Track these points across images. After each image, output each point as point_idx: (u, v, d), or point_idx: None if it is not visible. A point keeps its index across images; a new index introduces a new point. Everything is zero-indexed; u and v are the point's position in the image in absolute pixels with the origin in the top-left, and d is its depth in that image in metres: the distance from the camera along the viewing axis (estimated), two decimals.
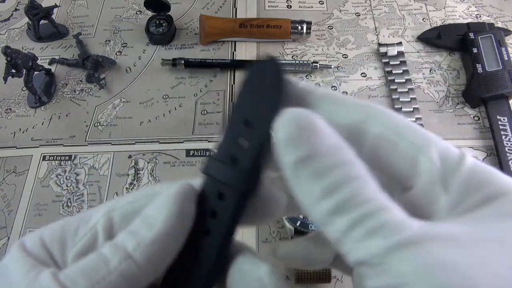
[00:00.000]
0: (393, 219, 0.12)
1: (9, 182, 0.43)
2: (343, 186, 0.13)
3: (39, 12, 0.51)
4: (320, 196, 0.13)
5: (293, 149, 0.13)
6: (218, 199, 0.16)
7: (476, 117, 0.45)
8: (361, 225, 0.12)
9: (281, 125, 0.13)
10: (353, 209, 0.13)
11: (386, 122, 0.14)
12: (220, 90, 0.48)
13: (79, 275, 0.14)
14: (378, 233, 0.12)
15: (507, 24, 0.51)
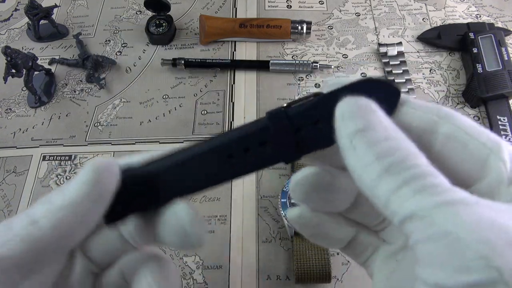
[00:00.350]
0: (442, 182, 0.13)
1: (9, 182, 0.43)
2: (394, 152, 0.14)
3: (39, 12, 0.51)
4: (373, 159, 0.14)
5: (352, 122, 0.15)
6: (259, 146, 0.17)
7: (476, 117, 0.45)
8: (410, 184, 0.13)
9: (343, 103, 0.15)
10: (402, 171, 0.13)
11: (457, 123, 0.15)
12: (220, 90, 0.48)
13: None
14: (426, 191, 0.13)
15: (507, 24, 0.51)
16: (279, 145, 0.17)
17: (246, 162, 0.18)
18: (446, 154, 0.15)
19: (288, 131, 0.17)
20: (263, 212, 0.40)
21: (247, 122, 0.18)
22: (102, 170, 0.16)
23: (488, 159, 0.15)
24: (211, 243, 0.38)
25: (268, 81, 0.48)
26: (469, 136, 0.15)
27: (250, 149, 0.17)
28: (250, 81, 0.48)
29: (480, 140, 0.15)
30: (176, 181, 0.18)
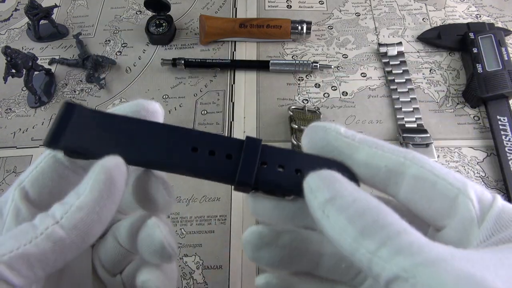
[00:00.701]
0: (417, 239, 0.14)
1: (9, 182, 0.43)
2: (365, 213, 0.14)
3: (39, 12, 0.51)
4: (346, 224, 0.15)
5: (320, 193, 0.16)
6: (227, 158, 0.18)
7: (476, 117, 0.45)
8: (387, 245, 0.14)
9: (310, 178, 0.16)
10: (377, 232, 0.14)
11: (424, 165, 0.16)
12: (220, 90, 0.48)
13: (7, 239, 0.15)
14: (405, 252, 0.13)
15: (507, 24, 0.51)
16: (243, 165, 0.18)
17: (204, 163, 0.18)
18: (415, 195, 0.16)
19: (256, 157, 0.18)
20: None
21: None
22: (113, 169, 0.16)
23: (456, 198, 0.15)
24: (211, 243, 0.38)
25: (268, 81, 0.48)
26: (436, 177, 0.16)
27: (216, 154, 0.18)
28: (250, 81, 0.48)
29: (447, 180, 0.16)
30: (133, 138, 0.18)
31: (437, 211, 0.16)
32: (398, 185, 0.16)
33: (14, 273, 0.15)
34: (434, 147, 0.40)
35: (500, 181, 0.40)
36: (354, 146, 0.17)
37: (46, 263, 0.15)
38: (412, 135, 0.41)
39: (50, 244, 0.15)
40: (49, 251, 0.15)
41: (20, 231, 0.16)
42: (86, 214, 0.16)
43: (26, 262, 0.15)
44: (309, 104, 0.46)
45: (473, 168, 0.41)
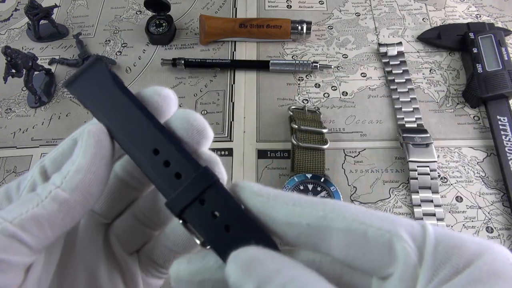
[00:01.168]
0: None
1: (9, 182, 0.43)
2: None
3: (39, 12, 0.51)
4: None
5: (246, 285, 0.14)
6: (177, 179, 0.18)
7: (476, 117, 0.45)
8: None
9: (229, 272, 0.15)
10: None
11: (347, 215, 0.15)
12: (220, 90, 0.48)
13: (15, 206, 0.17)
14: None
15: (507, 24, 0.51)
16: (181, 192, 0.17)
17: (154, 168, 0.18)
18: (349, 250, 0.15)
19: (196, 192, 0.17)
20: None
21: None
22: (99, 133, 0.18)
23: (391, 243, 0.14)
24: None
25: (268, 81, 0.48)
26: (365, 225, 0.14)
27: (169, 167, 0.18)
28: (250, 81, 0.48)
29: (375, 226, 0.14)
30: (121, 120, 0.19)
31: (376, 261, 0.14)
32: (327, 242, 0.15)
33: (26, 233, 0.16)
34: (434, 147, 0.40)
35: (500, 181, 0.40)
36: (270, 205, 0.16)
37: (54, 222, 0.17)
38: (412, 135, 0.41)
39: (56, 205, 0.17)
40: (56, 211, 0.17)
41: (26, 198, 0.17)
42: (84, 175, 0.17)
43: (36, 222, 0.16)
44: (309, 104, 0.46)
45: (473, 168, 0.41)
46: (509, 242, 0.37)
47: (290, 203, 0.16)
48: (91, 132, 0.18)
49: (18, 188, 0.19)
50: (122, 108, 0.19)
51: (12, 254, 0.16)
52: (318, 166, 0.40)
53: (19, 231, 0.16)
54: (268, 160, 0.43)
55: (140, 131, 0.19)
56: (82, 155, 0.18)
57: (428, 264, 0.14)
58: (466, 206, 0.39)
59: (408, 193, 0.40)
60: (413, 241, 0.14)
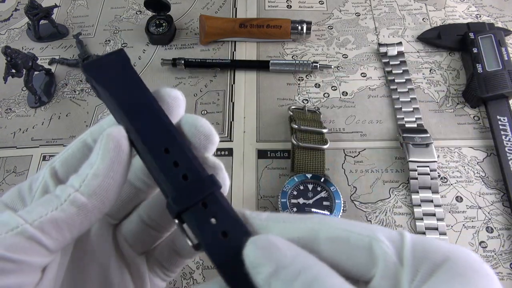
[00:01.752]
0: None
1: (9, 182, 0.43)
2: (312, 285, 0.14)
3: (39, 12, 0.51)
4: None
5: (262, 268, 0.15)
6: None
7: (476, 117, 0.45)
8: None
9: (248, 252, 0.16)
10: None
11: (332, 225, 0.16)
12: (220, 90, 0.48)
13: (35, 207, 0.17)
14: None
15: (507, 24, 0.51)
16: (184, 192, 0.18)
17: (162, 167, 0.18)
18: (336, 256, 0.16)
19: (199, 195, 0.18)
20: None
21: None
22: (119, 137, 0.18)
23: (371, 246, 0.15)
24: None
25: (268, 81, 0.48)
26: (347, 231, 0.16)
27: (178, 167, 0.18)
28: (250, 81, 0.48)
29: (356, 232, 0.16)
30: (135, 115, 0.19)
31: (360, 264, 0.16)
32: (317, 252, 0.16)
33: (46, 236, 0.16)
34: (434, 147, 0.40)
35: (500, 181, 0.40)
36: (262, 226, 0.17)
37: (73, 226, 0.17)
38: (412, 135, 0.41)
39: (75, 209, 0.17)
40: (75, 215, 0.17)
41: (45, 200, 0.17)
42: (102, 180, 0.17)
43: (55, 225, 0.17)
44: (309, 104, 0.46)
45: (473, 168, 0.41)
46: (509, 242, 0.37)
47: (280, 221, 0.17)
48: (110, 136, 0.18)
49: (30, 189, 0.20)
50: (139, 102, 0.19)
51: (31, 255, 0.16)
52: (318, 166, 0.40)
53: (39, 233, 0.16)
54: (268, 160, 0.43)
55: (154, 128, 0.18)
56: (100, 159, 0.18)
57: (408, 262, 0.15)
58: (466, 206, 0.39)
59: (408, 193, 0.40)
60: (391, 243, 0.15)
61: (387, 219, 0.39)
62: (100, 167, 0.18)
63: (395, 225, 0.39)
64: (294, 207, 0.37)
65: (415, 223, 0.38)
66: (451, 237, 0.38)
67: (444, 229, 0.38)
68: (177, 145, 0.18)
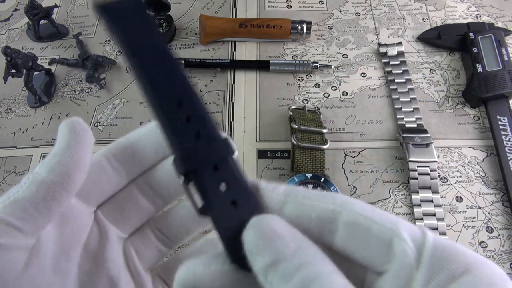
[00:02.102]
0: None
1: (9, 182, 0.43)
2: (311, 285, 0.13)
3: (39, 12, 0.51)
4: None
5: (260, 257, 0.14)
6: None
7: (476, 117, 0.45)
8: None
9: (248, 237, 0.15)
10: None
11: (356, 209, 0.15)
12: (220, 90, 0.48)
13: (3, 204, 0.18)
14: None
15: (507, 24, 0.51)
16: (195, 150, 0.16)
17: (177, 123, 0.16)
18: (351, 242, 0.15)
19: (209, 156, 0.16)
20: None
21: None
22: (72, 122, 0.20)
23: (391, 241, 0.15)
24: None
25: (268, 81, 0.48)
26: (370, 221, 0.15)
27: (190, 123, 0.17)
28: (250, 81, 0.48)
29: (380, 223, 0.15)
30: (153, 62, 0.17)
31: (375, 256, 0.15)
32: (332, 234, 0.15)
33: (11, 216, 0.17)
34: (434, 147, 0.40)
35: (500, 181, 0.40)
36: (280, 200, 0.16)
37: (36, 203, 0.18)
38: (412, 135, 0.41)
39: (34, 187, 0.18)
40: (35, 192, 0.18)
41: (11, 189, 0.18)
42: (59, 158, 0.19)
43: (18, 205, 0.17)
44: (309, 104, 0.46)
45: (473, 168, 0.41)
46: (509, 242, 0.37)
47: (299, 196, 0.16)
48: (65, 123, 0.20)
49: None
50: (153, 48, 0.17)
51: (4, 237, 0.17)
52: (318, 166, 0.40)
53: (5, 216, 0.17)
54: (268, 160, 0.43)
55: (167, 78, 0.17)
56: (57, 142, 0.19)
57: (425, 267, 0.14)
58: (466, 206, 0.39)
59: (408, 193, 0.40)
60: (413, 243, 0.14)
61: None
62: (56, 148, 0.19)
63: None
64: None
65: (415, 223, 0.38)
66: (451, 237, 0.38)
67: (444, 229, 0.38)
68: (192, 98, 0.17)
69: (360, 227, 0.15)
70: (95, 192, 0.21)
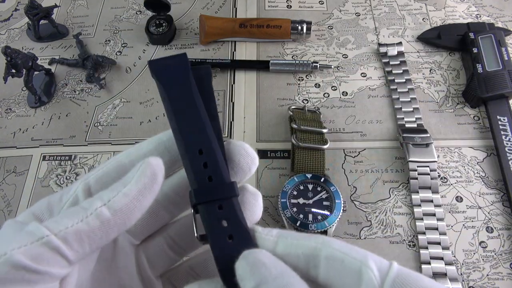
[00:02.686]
0: None
1: (9, 182, 0.43)
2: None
3: (39, 12, 0.51)
4: None
5: (247, 281, 0.17)
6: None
7: (476, 117, 0.45)
8: None
9: (239, 266, 0.18)
10: None
11: (333, 246, 0.18)
12: (220, 90, 0.48)
13: (62, 217, 0.18)
14: None
15: (507, 24, 0.51)
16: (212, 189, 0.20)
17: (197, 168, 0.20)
18: (330, 274, 0.18)
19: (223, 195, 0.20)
20: (263, 212, 0.40)
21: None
22: (156, 167, 0.19)
23: (360, 270, 0.17)
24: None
25: (268, 81, 0.48)
26: (343, 254, 0.18)
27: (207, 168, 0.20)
28: (250, 81, 0.48)
29: (351, 255, 0.18)
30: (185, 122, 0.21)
31: (348, 284, 0.17)
32: (316, 268, 0.18)
33: (68, 247, 0.17)
34: (434, 147, 0.40)
35: (500, 181, 0.40)
36: (273, 241, 0.19)
37: (93, 239, 0.18)
38: (412, 135, 0.41)
39: (98, 223, 0.18)
40: (97, 229, 0.18)
41: (72, 211, 0.18)
42: (130, 200, 0.18)
43: (78, 237, 0.17)
44: (309, 104, 0.46)
45: (473, 168, 0.41)
46: (509, 242, 0.37)
47: (288, 237, 0.19)
48: (150, 164, 0.19)
49: (60, 201, 0.20)
50: (188, 105, 0.21)
51: (53, 266, 0.17)
52: (318, 166, 0.40)
53: (62, 245, 0.17)
54: (268, 160, 0.43)
55: (195, 131, 0.21)
56: (135, 181, 0.19)
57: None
58: (466, 206, 0.39)
59: (408, 193, 0.40)
60: (378, 271, 0.17)
61: (387, 219, 0.39)
62: (132, 188, 0.19)
63: (395, 225, 0.39)
64: (294, 207, 0.37)
65: (415, 223, 0.38)
66: (451, 237, 0.38)
67: (444, 229, 0.38)
68: (211, 149, 0.21)
69: (337, 260, 0.18)
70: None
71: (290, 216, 0.36)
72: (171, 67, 0.22)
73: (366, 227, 0.39)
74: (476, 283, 0.36)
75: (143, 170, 0.19)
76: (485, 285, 0.36)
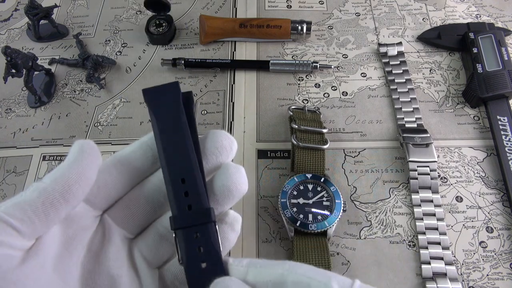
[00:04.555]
0: None
1: (9, 182, 0.43)
2: None
3: (39, 12, 0.51)
4: None
5: None
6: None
7: (476, 117, 0.45)
8: None
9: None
10: None
11: (298, 271, 0.19)
12: (220, 90, 0.48)
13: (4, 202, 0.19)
14: None
15: (507, 24, 0.51)
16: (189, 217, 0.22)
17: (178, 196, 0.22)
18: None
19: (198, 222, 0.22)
20: (263, 212, 0.40)
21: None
22: (83, 143, 0.22)
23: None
24: None
25: (268, 81, 0.48)
26: (309, 278, 0.19)
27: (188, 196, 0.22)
28: (250, 81, 0.48)
29: (316, 279, 0.19)
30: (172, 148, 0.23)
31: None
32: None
33: (11, 216, 0.19)
34: (434, 147, 0.40)
35: (500, 181, 0.40)
36: (244, 271, 0.20)
37: (36, 207, 0.19)
38: (412, 135, 0.41)
39: (35, 193, 0.20)
40: (36, 197, 0.19)
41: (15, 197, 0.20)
42: (63, 171, 0.21)
43: (18, 207, 0.19)
44: (309, 104, 0.46)
45: (473, 168, 0.41)
46: (509, 242, 0.37)
47: (257, 266, 0.20)
48: (76, 142, 0.22)
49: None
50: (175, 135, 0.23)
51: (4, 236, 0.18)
52: (318, 166, 0.40)
53: (5, 216, 0.19)
54: (268, 160, 0.43)
55: (180, 160, 0.22)
56: (66, 158, 0.21)
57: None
58: (466, 206, 0.39)
59: (408, 193, 0.40)
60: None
61: (387, 219, 0.39)
62: (64, 163, 0.21)
63: (395, 225, 0.39)
64: (294, 207, 0.37)
65: (415, 223, 0.38)
66: (451, 237, 0.38)
67: (444, 229, 0.38)
68: (193, 178, 0.22)
69: (303, 284, 0.19)
70: (101, 196, 0.23)
71: (290, 216, 0.36)
72: (164, 97, 0.24)
73: (366, 227, 0.39)
74: (476, 283, 0.36)
75: (72, 148, 0.22)
76: (485, 285, 0.36)
